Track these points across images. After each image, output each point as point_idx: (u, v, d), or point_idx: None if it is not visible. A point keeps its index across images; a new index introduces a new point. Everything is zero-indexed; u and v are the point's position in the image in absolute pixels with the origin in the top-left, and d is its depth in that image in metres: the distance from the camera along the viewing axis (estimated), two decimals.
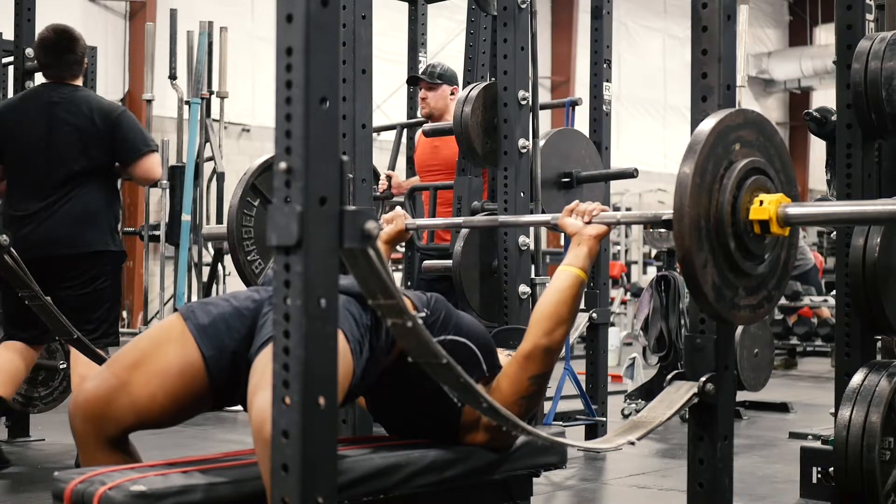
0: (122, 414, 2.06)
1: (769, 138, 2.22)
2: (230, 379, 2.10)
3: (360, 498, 2.09)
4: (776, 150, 2.23)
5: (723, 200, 2.07)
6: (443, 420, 2.30)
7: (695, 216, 2.03)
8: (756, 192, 2.12)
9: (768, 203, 2.09)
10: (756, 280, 2.19)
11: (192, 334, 2.10)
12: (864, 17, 3.04)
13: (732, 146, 2.11)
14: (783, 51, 20.52)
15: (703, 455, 2.28)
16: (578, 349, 6.30)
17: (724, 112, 2.14)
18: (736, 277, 2.13)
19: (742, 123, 2.14)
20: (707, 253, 2.06)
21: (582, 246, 2.37)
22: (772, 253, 2.20)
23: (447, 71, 4.73)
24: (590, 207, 2.41)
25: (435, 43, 8.58)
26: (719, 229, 2.08)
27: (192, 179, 6.63)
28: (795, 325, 9.89)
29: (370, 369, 2.16)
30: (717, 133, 2.08)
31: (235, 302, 2.16)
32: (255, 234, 2.64)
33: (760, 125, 2.21)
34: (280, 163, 1.51)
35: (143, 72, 7.83)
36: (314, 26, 1.49)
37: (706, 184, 2.06)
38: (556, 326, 2.28)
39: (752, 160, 2.13)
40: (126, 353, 2.13)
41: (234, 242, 2.59)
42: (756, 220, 2.09)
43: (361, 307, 2.10)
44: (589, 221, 2.39)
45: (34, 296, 3.42)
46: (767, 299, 2.23)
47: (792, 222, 2.11)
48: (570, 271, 2.34)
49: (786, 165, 2.26)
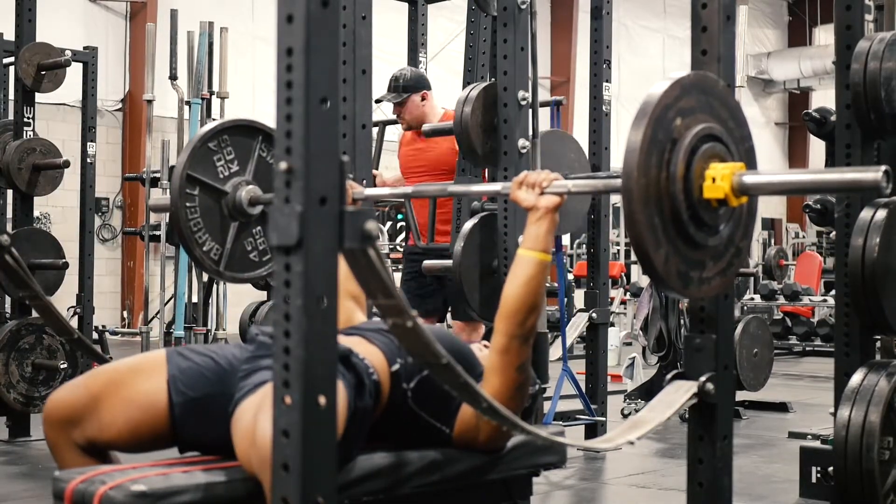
0: (87, 425, 2.12)
1: (709, 92, 2.01)
2: (194, 429, 2.13)
3: (360, 498, 2.09)
4: (719, 101, 2.02)
5: (674, 190, 1.89)
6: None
7: (646, 216, 1.85)
8: (708, 163, 1.93)
9: (721, 179, 1.91)
10: (719, 243, 2.01)
11: (167, 377, 2.14)
12: (863, 17, 3.04)
13: (673, 124, 1.91)
14: (782, 51, 20.52)
15: (702, 455, 2.29)
16: (578, 349, 6.30)
17: (657, 92, 1.91)
18: (697, 252, 1.97)
19: (679, 94, 1.94)
20: (666, 246, 1.90)
21: (541, 222, 2.21)
22: (733, 213, 2.02)
23: (410, 79, 4.61)
24: (540, 178, 2.22)
25: (435, 43, 8.58)
26: (676, 219, 1.91)
27: None
28: (795, 325, 9.91)
29: (357, 430, 2.10)
30: (653, 121, 1.87)
31: (217, 357, 2.19)
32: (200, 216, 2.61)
33: (699, 84, 2.00)
34: (280, 163, 1.51)
35: (143, 72, 7.83)
36: (314, 26, 1.50)
37: (652, 181, 1.87)
38: (528, 315, 2.21)
39: (696, 130, 1.93)
40: (104, 371, 2.19)
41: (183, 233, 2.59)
42: (711, 198, 1.92)
43: (345, 368, 2.08)
44: (541, 193, 2.22)
45: (34, 296, 3.42)
46: (736, 254, 2.06)
47: (749, 192, 1.95)
48: (532, 257, 2.22)
49: (734, 113, 2.05)
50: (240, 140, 2.65)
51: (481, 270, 3.67)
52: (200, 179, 2.56)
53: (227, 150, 2.62)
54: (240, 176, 2.64)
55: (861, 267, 2.84)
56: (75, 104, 9.45)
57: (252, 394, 1.99)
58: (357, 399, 2.08)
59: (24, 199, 4.94)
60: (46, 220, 10.94)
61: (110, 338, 8.37)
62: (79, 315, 5.37)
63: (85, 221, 5.33)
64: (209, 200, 2.59)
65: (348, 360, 2.10)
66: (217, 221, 2.62)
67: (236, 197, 2.62)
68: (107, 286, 11.58)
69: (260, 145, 2.69)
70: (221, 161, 2.61)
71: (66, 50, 4.98)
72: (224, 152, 2.62)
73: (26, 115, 4.91)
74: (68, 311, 7.15)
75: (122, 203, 12.24)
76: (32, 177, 4.86)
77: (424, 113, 4.63)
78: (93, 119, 5.40)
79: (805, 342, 9.90)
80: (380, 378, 2.17)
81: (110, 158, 11.98)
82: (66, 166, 4.90)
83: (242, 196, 2.62)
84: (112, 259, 12.10)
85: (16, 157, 4.80)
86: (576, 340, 4.83)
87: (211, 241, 2.59)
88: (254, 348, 2.16)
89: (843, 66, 3.00)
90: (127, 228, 10.88)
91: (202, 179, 2.56)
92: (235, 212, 2.63)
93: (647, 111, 1.87)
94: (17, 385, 4.59)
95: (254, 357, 2.13)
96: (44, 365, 4.64)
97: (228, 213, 2.62)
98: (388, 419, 2.21)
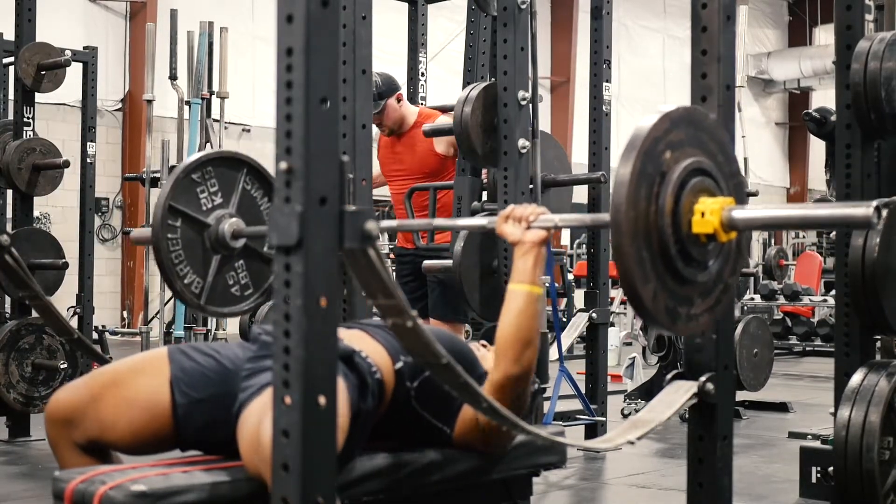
0: (89, 425, 2.12)
1: (699, 126, 1.98)
2: (197, 430, 2.13)
3: (360, 498, 2.09)
4: (709, 135, 2.00)
5: (663, 224, 1.85)
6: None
7: (635, 250, 1.82)
8: (697, 197, 1.90)
9: (710, 213, 1.88)
10: (708, 279, 1.98)
11: (170, 378, 2.14)
12: (863, 17, 3.04)
13: (662, 157, 1.89)
14: (783, 51, 20.53)
15: (702, 455, 2.29)
16: (578, 349, 6.30)
17: (646, 125, 1.88)
18: (686, 287, 1.93)
19: (668, 128, 1.91)
20: (655, 281, 1.86)
21: (527, 256, 2.20)
22: (722, 248, 1.99)
23: (383, 85, 4.53)
24: (527, 212, 2.21)
25: (435, 43, 8.58)
26: (664, 254, 1.87)
27: None
28: (795, 325, 9.91)
29: (359, 431, 2.10)
30: (643, 154, 1.84)
31: (220, 357, 2.18)
32: (182, 248, 2.59)
33: (689, 118, 1.97)
34: (280, 163, 1.51)
35: (143, 72, 7.83)
36: (314, 26, 1.50)
37: (641, 214, 1.83)
38: (524, 350, 2.18)
39: (686, 164, 1.90)
40: (106, 371, 2.19)
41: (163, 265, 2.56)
42: (700, 233, 1.89)
43: (347, 368, 2.08)
44: (528, 227, 2.20)
45: (35, 296, 3.42)
46: (725, 291, 2.03)
47: (739, 227, 1.92)
48: (522, 290, 2.20)
49: (723, 147, 2.02)
50: (224, 172, 2.60)
51: (481, 270, 3.68)
52: (183, 211, 2.52)
53: (211, 181, 2.58)
54: (223, 208, 2.59)
55: (861, 267, 2.84)
56: (75, 104, 9.45)
57: (257, 395, 1.99)
58: (360, 401, 2.08)
59: (24, 199, 4.94)
60: (46, 220, 10.94)
61: (110, 338, 8.37)
62: (79, 315, 5.37)
63: (85, 221, 5.33)
64: (191, 233, 2.54)
65: (351, 360, 2.10)
66: (199, 254, 2.57)
67: (219, 230, 2.57)
68: (107, 286, 11.59)
69: (245, 178, 2.65)
70: (205, 193, 2.56)
71: (66, 50, 4.98)
72: (208, 184, 2.57)
73: (26, 115, 4.91)
74: (68, 311, 7.16)
75: (122, 203, 12.24)
76: (32, 177, 4.86)
77: (401, 115, 4.60)
78: (93, 119, 5.40)
79: (805, 342, 9.90)
80: (383, 377, 2.17)
81: (110, 158, 11.98)
82: (66, 166, 4.90)
83: (225, 229, 2.57)
84: (112, 259, 12.10)
85: (16, 157, 4.80)
86: (576, 340, 4.82)
87: (192, 274, 2.55)
88: (257, 348, 2.16)
89: (843, 66, 3.00)
90: (127, 228, 10.88)
91: (185, 211, 2.52)
92: (218, 245, 2.58)
93: (637, 144, 1.83)
94: (17, 385, 4.60)
95: (257, 357, 2.13)
96: (44, 365, 4.64)
97: (211, 245, 2.57)
98: (390, 417, 2.21)
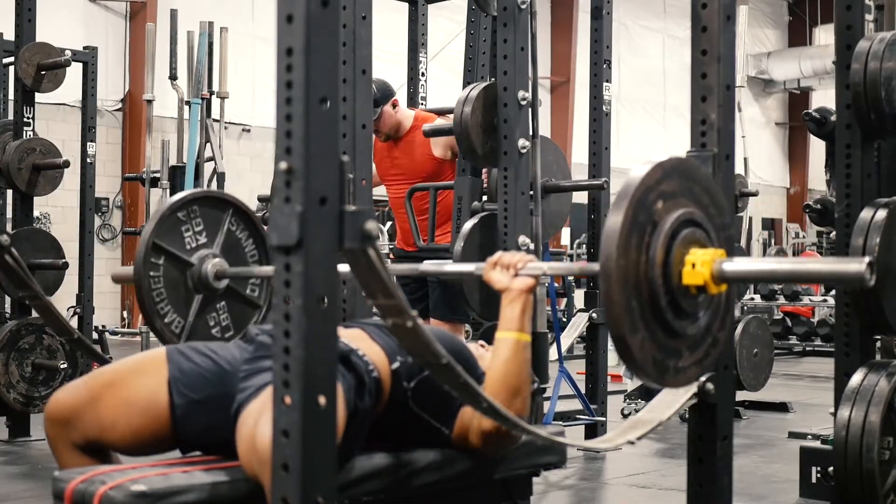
0: (88, 426, 2.11)
1: (691, 177, 1.95)
2: (196, 430, 2.13)
3: (360, 498, 2.09)
4: (701, 186, 1.98)
5: (653, 274, 1.83)
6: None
7: (625, 299, 1.79)
8: (688, 248, 1.87)
9: (701, 265, 1.85)
10: (697, 332, 1.95)
11: (168, 379, 2.13)
12: (863, 17, 3.04)
13: (654, 207, 1.86)
14: (783, 51, 20.53)
15: (702, 455, 2.29)
16: (578, 349, 6.30)
17: (638, 175, 1.86)
18: (674, 340, 1.91)
19: (661, 178, 1.89)
20: (644, 332, 1.83)
21: (514, 304, 2.20)
22: (712, 301, 1.97)
23: (378, 92, 4.46)
24: (514, 259, 2.22)
25: (435, 43, 8.56)
26: (654, 304, 1.83)
27: (192, 180, 6.63)
28: (795, 325, 9.91)
29: (357, 430, 2.10)
30: (635, 203, 1.82)
31: (217, 358, 2.18)
32: (164, 286, 2.58)
33: (681, 168, 1.95)
34: (280, 163, 1.51)
35: (143, 72, 7.83)
36: (314, 26, 1.50)
37: (632, 263, 1.81)
38: (512, 399, 2.16)
39: (677, 215, 1.88)
40: (105, 372, 2.18)
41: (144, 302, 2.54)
42: (691, 284, 1.87)
43: (345, 367, 2.08)
44: (515, 274, 2.22)
45: (35, 296, 3.42)
46: (713, 345, 2.00)
47: (730, 280, 1.88)
48: (509, 338, 2.19)
49: (715, 198, 2.00)
50: (210, 212, 2.60)
51: None
52: (166, 249, 2.50)
53: (196, 220, 2.57)
54: (207, 248, 2.58)
55: None
56: (75, 104, 9.46)
57: (255, 397, 1.99)
58: (357, 400, 2.08)
59: (24, 199, 4.94)
60: (46, 220, 10.94)
61: (110, 338, 8.37)
62: (79, 315, 5.37)
63: (85, 221, 5.33)
64: (174, 271, 2.53)
65: (348, 359, 2.10)
66: (181, 293, 2.56)
67: (202, 269, 2.56)
68: (107, 286, 11.53)
69: (230, 218, 2.63)
70: (189, 232, 2.55)
71: (66, 50, 4.98)
72: (193, 223, 2.56)
73: (26, 115, 4.91)
74: (68, 311, 7.15)
75: (122, 203, 12.25)
76: (32, 177, 4.86)
77: (397, 120, 4.60)
78: (93, 119, 5.41)
79: (805, 342, 9.90)
80: (380, 375, 2.17)
81: (110, 158, 11.99)
82: (66, 166, 4.90)
83: (208, 269, 2.56)
84: (112, 259, 12.10)
85: (16, 157, 4.80)
86: (576, 340, 4.83)
87: (173, 313, 2.53)
88: (254, 348, 2.16)
89: (843, 66, 2.99)
90: (127, 228, 10.88)
91: (168, 249, 2.51)
92: (200, 285, 2.56)
93: (629, 192, 1.82)
94: (17, 385, 4.60)
95: (254, 358, 2.13)
96: (44, 365, 4.64)
97: (193, 285, 2.56)
98: (388, 417, 2.21)
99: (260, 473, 1.81)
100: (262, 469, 1.77)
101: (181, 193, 2.65)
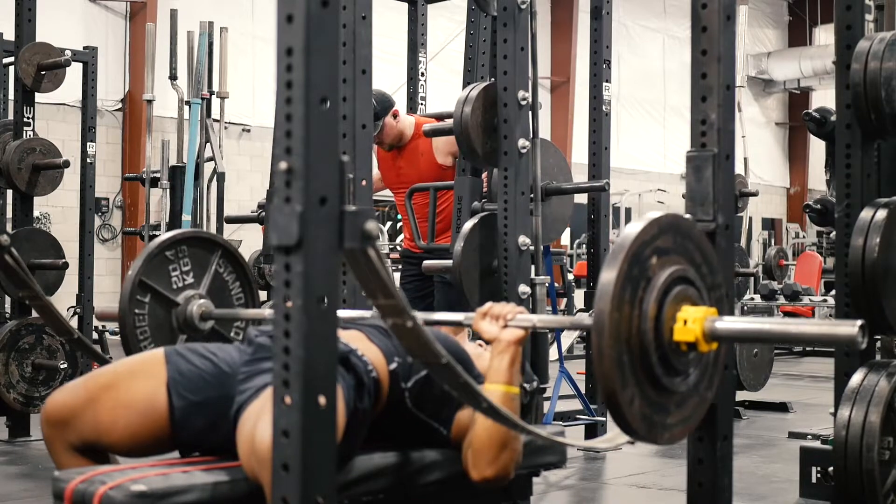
0: (85, 427, 2.11)
1: (685, 235, 1.96)
2: (195, 432, 2.13)
3: (360, 498, 2.09)
4: (695, 244, 1.97)
5: (645, 328, 1.83)
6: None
7: (616, 353, 1.79)
8: (680, 305, 1.87)
9: (693, 322, 1.85)
10: (686, 389, 1.94)
11: (167, 380, 2.13)
12: (863, 17, 3.04)
13: (648, 262, 1.86)
14: (783, 51, 20.53)
15: (702, 455, 2.28)
16: (578, 349, 6.30)
17: (634, 230, 1.86)
18: (663, 396, 1.89)
19: (656, 234, 1.89)
20: (633, 387, 1.82)
21: (503, 355, 2.19)
22: (702, 359, 1.97)
23: (377, 105, 4.46)
24: (504, 310, 2.20)
25: (435, 43, 8.58)
26: (644, 358, 1.83)
27: (192, 180, 6.63)
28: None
29: (356, 430, 2.10)
30: (630, 257, 1.82)
31: (216, 360, 2.18)
32: (148, 325, 2.58)
33: (676, 226, 1.94)
34: (280, 163, 1.51)
35: (143, 72, 7.82)
36: (314, 26, 1.50)
37: (624, 317, 1.81)
38: (499, 453, 2.16)
39: (671, 271, 1.88)
40: (103, 373, 2.18)
41: (128, 339, 2.54)
42: (682, 341, 1.87)
43: (344, 368, 2.08)
44: (505, 325, 2.19)
45: (35, 296, 3.41)
46: (700, 404, 1.99)
47: (721, 339, 1.89)
48: (497, 391, 2.16)
49: (707, 257, 2.00)
50: (198, 252, 2.60)
51: (481, 270, 3.67)
52: (153, 287, 2.51)
53: (184, 260, 2.57)
54: (193, 289, 2.58)
55: (861, 267, 2.84)
56: (75, 104, 9.46)
57: (255, 398, 1.99)
58: (357, 400, 2.08)
59: (24, 199, 4.94)
60: (46, 220, 10.94)
61: (110, 338, 8.36)
62: (79, 315, 5.37)
63: (85, 221, 5.33)
64: (159, 310, 2.53)
65: (348, 360, 2.10)
66: (166, 333, 2.56)
67: (187, 310, 2.55)
68: (107, 286, 11.58)
69: (218, 260, 2.63)
70: (177, 271, 2.55)
71: (66, 50, 4.99)
72: (181, 263, 2.56)
73: (26, 115, 4.91)
74: (68, 311, 7.16)
75: (122, 203, 12.24)
76: (32, 177, 4.86)
77: (400, 130, 4.64)
78: (93, 119, 5.41)
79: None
80: (379, 376, 2.18)
81: (110, 158, 11.98)
82: (66, 166, 4.90)
83: (194, 310, 2.56)
84: (112, 259, 12.10)
85: (16, 157, 4.80)
86: (576, 340, 4.83)
87: (151, 342, 2.54)
88: (253, 350, 2.16)
89: (843, 66, 2.99)
90: (127, 228, 10.88)
91: (154, 287, 2.51)
92: (185, 325, 2.56)
93: (625, 246, 1.81)
94: (17, 385, 4.60)
95: (254, 360, 2.13)
96: (44, 365, 4.64)
97: (178, 325, 2.56)
98: (386, 418, 2.22)
99: (260, 474, 1.82)
100: (262, 469, 1.77)
101: (170, 233, 2.65)
